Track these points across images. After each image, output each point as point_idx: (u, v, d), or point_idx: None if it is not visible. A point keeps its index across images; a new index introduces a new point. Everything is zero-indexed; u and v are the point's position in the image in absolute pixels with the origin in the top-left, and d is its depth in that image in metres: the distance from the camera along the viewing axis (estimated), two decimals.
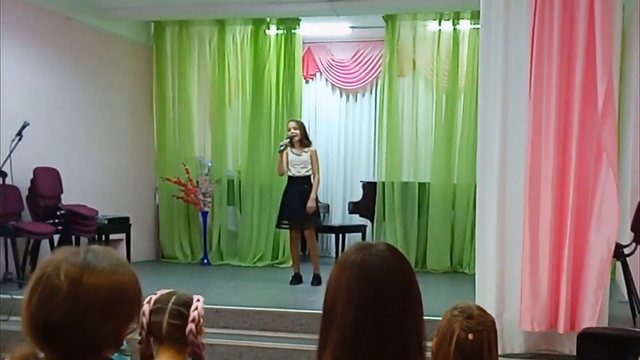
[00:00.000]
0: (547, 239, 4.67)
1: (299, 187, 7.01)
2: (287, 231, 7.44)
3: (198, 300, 2.29)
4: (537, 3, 4.69)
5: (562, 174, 4.72)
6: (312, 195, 6.97)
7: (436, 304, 2.29)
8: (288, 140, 7.03)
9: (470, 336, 2.08)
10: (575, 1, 4.66)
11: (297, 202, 6.98)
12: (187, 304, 2.27)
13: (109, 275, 1.34)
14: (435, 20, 8.49)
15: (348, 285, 1.46)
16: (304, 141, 7.08)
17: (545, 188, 4.70)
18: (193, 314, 2.25)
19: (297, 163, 7.03)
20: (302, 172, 7.04)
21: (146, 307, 2.23)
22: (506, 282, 4.85)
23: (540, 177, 4.72)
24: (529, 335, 4.80)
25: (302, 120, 7.94)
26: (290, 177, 7.09)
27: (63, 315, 1.29)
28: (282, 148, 7.03)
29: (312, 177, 7.08)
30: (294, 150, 7.04)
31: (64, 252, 1.37)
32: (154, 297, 2.27)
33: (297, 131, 7.02)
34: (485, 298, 4.86)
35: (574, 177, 4.64)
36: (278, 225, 7.37)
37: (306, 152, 7.06)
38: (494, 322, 2.18)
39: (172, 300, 2.26)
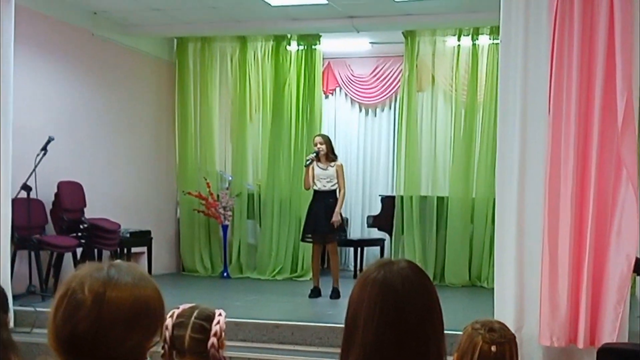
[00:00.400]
0: (566, 254, 4.66)
1: (324, 201, 7.07)
2: (309, 244, 7.48)
3: (220, 314, 2.33)
4: (557, 18, 4.71)
5: (581, 189, 4.71)
6: (337, 210, 7.02)
7: (455, 318, 2.31)
8: (314, 154, 7.10)
9: (493, 348, 2.12)
10: (594, 15, 4.67)
11: (322, 216, 7.03)
12: (210, 318, 2.31)
13: (131, 290, 1.38)
14: (454, 35, 8.53)
15: (369, 302, 1.48)
16: (330, 156, 7.15)
17: (564, 202, 4.70)
18: (215, 327, 2.29)
19: (323, 177, 7.09)
20: (328, 187, 7.10)
21: (169, 321, 2.27)
22: (525, 297, 4.84)
23: (560, 192, 4.72)
24: (548, 351, 4.78)
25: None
26: (315, 191, 7.16)
27: (87, 329, 1.33)
28: (308, 162, 7.10)
29: (337, 191, 7.13)
30: (320, 164, 7.11)
31: (87, 268, 1.41)
32: (176, 311, 2.32)
33: (324, 146, 7.09)
34: (504, 312, 4.85)
35: (594, 192, 4.63)
36: (303, 239, 7.42)
37: (332, 166, 7.12)
38: (514, 336, 2.22)
39: (195, 314, 2.30)
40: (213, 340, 2.27)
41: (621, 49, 4.51)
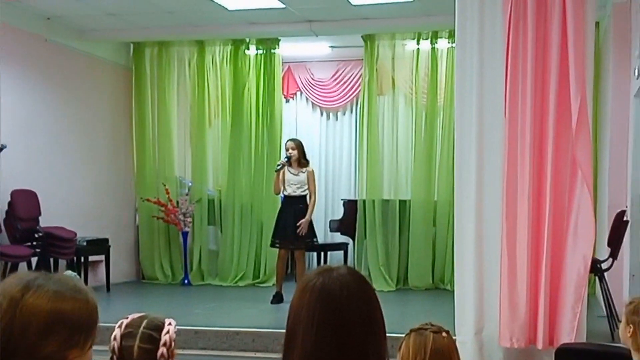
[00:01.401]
0: (524, 255, 4.70)
1: (294, 206, 7.05)
2: (273, 250, 7.43)
3: (170, 323, 2.28)
4: (511, 22, 4.76)
5: (538, 191, 4.76)
6: (307, 217, 7.01)
7: (418, 321, 2.31)
8: (286, 159, 7.06)
9: (444, 334, 2.15)
10: (548, 19, 4.73)
11: (291, 222, 7.02)
12: (159, 327, 2.25)
13: (50, 298, 1.35)
14: (413, 39, 8.57)
15: (309, 309, 1.48)
16: (302, 161, 7.13)
17: (521, 204, 4.74)
18: (164, 337, 2.23)
19: (293, 182, 7.07)
20: (298, 192, 7.07)
21: (117, 331, 2.21)
22: (485, 299, 4.87)
23: (517, 194, 4.76)
24: (508, 352, 4.81)
25: (278, 140, 8.01)
26: (285, 197, 7.14)
27: (1, 333, 1.32)
28: (278, 167, 7.08)
29: (307, 197, 7.10)
30: (291, 169, 7.07)
31: (18, 275, 1.40)
32: (125, 321, 2.25)
33: (295, 151, 7.09)
34: (465, 314, 4.88)
35: (550, 194, 4.68)
36: (272, 244, 7.35)
37: (303, 172, 7.10)
38: None
39: (144, 324, 2.24)
40: (162, 350, 2.22)
41: (574, 51, 4.58)
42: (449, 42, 8.39)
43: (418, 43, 8.56)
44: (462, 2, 4.94)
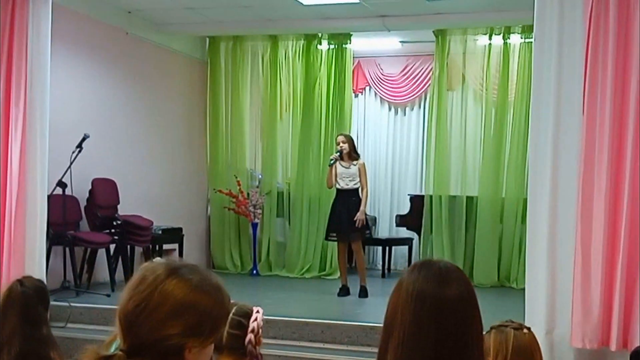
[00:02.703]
0: (599, 254, 4.62)
1: (347, 199, 7.11)
2: (335, 243, 7.52)
3: (257, 311, 2.38)
4: (592, 16, 4.67)
5: (615, 189, 4.67)
6: (362, 208, 7.05)
7: (484, 319, 2.32)
8: (338, 154, 7.14)
9: (525, 330, 2.16)
10: (630, 15, 4.62)
11: (345, 215, 7.07)
12: (247, 314, 2.35)
13: (192, 289, 1.46)
14: (485, 34, 8.48)
15: (407, 303, 1.50)
16: (353, 154, 7.20)
17: (598, 202, 4.66)
18: (252, 324, 2.33)
19: (345, 176, 7.13)
20: (351, 185, 7.14)
21: None
22: (557, 298, 4.81)
23: (594, 192, 4.68)
24: (580, 353, 4.75)
25: (351, 134, 8.04)
26: (338, 190, 7.20)
27: (135, 306, 1.43)
28: (332, 162, 7.16)
29: (360, 189, 7.16)
30: (342, 163, 7.15)
31: (170, 258, 1.55)
32: None
33: (346, 145, 7.15)
34: (535, 313, 4.83)
35: (628, 192, 4.59)
36: (326, 238, 7.47)
37: (354, 165, 7.16)
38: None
39: (233, 310, 2.33)
40: (250, 336, 2.31)
41: None
42: (521, 38, 8.28)
43: (490, 38, 8.47)
44: None
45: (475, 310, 1.52)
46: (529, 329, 2.22)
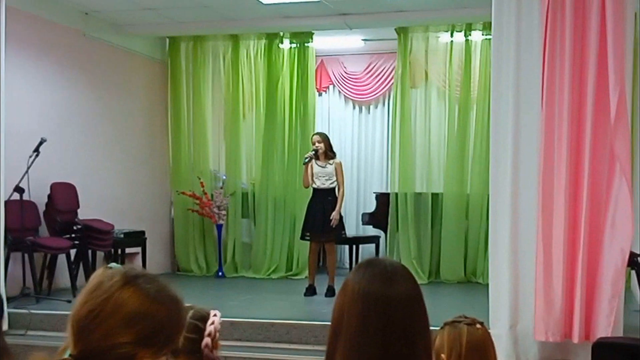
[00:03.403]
0: (560, 249, 4.67)
1: (324, 199, 7.10)
2: (306, 242, 7.48)
3: (215, 314, 2.34)
4: (549, 13, 4.72)
5: (575, 184, 4.72)
6: (338, 208, 7.06)
7: (450, 315, 2.31)
8: (313, 152, 7.12)
9: (478, 325, 2.15)
10: (587, 11, 4.68)
11: (321, 214, 7.07)
12: (204, 318, 2.31)
13: (148, 299, 1.44)
14: (447, 31, 8.52)
15: (352, 304, 1.48)
16: (329, 153, 7.18)
17: (558, 197, 4.71)
18: (209, 328, 2.29)
19: (321, 175, 7.12)
20: (327, 184, 7.13)
21: None
22: (520, 292, 4.86)
23: (553, 187, 4.73)
24: (543, 346, 4.79)
25: (310, 133, 8.05)
26: (315, 190, 7.18)
27: (88, 312, 1.41)
28: (306, 160, 7.13)
29: (336, 189, 7.15)
30: (318, 162, 7.13)
31: (129, 265, 1.56)
32: None
33: (322, 144, 7.13)
34: (499, 308, 4.87)
35: (587, 187, 4.64)
36: (302, 237, 7.41)
37: (331, 164, 7.15)
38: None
39: (190, 314, 2.30)
40: (207, 340, 2.28)
41: (613, 43, 4.53)
42: (483, 35, 8.34)
43: (452, 35, 8.51)
44: None
45: (421, 308, 1.51)
46: (482, 323, 2.21)
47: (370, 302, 1.47)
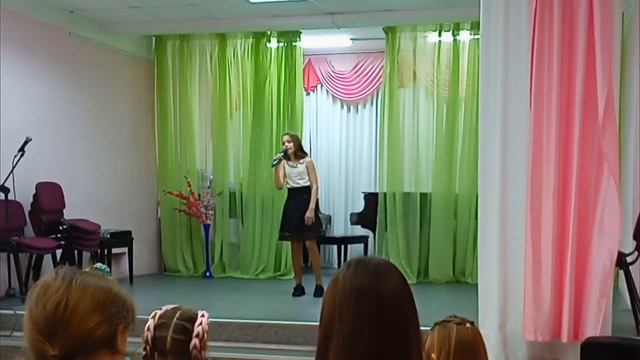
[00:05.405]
0: (549, 248, 4.67)
1: (298, 198, 7.09)
2: (290, 242, 7.46)
3: (203, 315, 2.31)
4: (537, 13, 4.72)
5: (563, 183, 4.73)
6: (311, 206, 7.02)
7: (439, 314, 2.30)
8: (282, 153, 7.11)
9: (468, 324, 2.15)
10: (574, 11, 4.68)
11: (296, 213, 7.05)
12: (192, 319, 2.28)
13: (96, 280, 1.52)
14: (435, 31, 8.52)
15: (342, 302, 1.47)
16: (299, 153, 7.16)
17: (546, 197, 4.71)
18: (197, 329, 2.26)
19: (293, 175, 7.11)
20: (301, 183, 7.11)
21: (151, 322, 2.24)
22: (509, 292, 4.86)
23: (542, 187, 4.73)
24: (532, 345, 4.80)
25: (304, 132, 8.01)
26: (289, 189, 7.19)
27: (55, 307, 1.42)
28: (275, 162, 7.14)
29: (310, 187, 7.13)
30: (289, 162, 7.13)
31: (56, 270, 1.55)
32: (158, 312, 2.29)
33: (291, 144, 7.11)
34: (488, 308, 4.87)
35: (576, 186, 4.65)
36: (280, 238, 7.41)
37: (302, 163, 7.12)
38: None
39: (177, 315, 2.27)
40: (195, 341, 2.25)
41: (601, 43, 4.53)
42: (471, 34, 8.34)
43: (440, 35, 8.52)
44: None
45: (412, 305, 1.51)
46: (472, 323, 2.20)
47: (364, 298, 1.45)
